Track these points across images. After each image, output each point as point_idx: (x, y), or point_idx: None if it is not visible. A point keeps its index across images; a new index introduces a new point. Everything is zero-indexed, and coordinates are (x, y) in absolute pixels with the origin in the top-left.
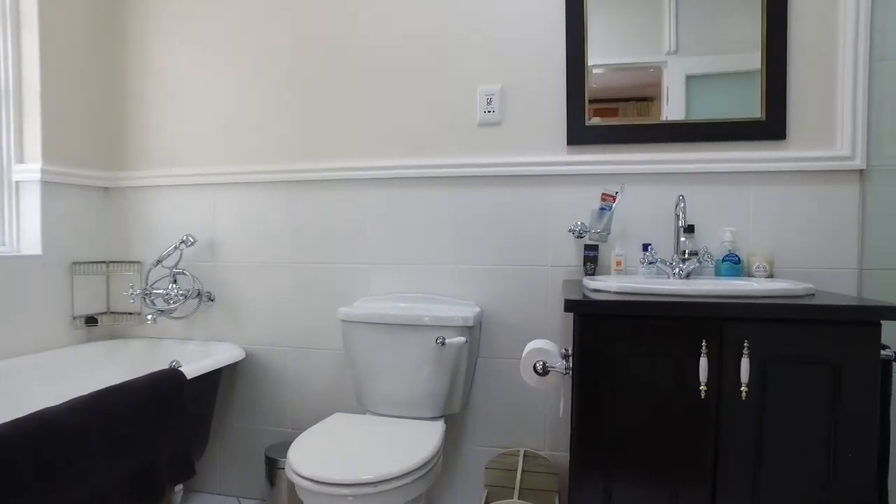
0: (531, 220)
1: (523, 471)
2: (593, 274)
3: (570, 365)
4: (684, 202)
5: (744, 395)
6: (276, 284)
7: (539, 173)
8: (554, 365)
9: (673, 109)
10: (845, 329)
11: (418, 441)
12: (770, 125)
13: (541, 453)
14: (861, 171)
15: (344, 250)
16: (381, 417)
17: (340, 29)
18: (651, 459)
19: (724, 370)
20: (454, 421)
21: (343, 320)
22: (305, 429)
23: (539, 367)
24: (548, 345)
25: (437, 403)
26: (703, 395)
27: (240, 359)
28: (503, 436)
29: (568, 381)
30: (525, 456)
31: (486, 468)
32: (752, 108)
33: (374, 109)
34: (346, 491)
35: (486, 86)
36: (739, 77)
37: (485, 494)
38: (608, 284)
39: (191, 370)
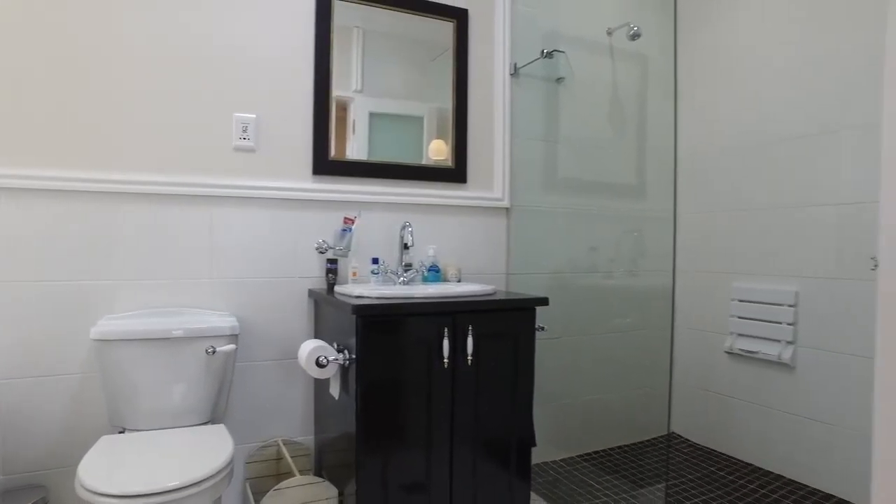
0: (283, 238)
1: (279, 458)
2: (334, 283)
3: (349, 356)
4: (411, 227)
5: (469, 362)
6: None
7: (289, 197)
8: (331, 357)
9: (359, 140)
10: (518, 313)
11: (213, 444)
12: (457, 173)
13: (296, 440)
14: (507, 208)
15: (92, 266)
16: (155, 431)
17: (102, 38)
18: (415, 420)
19: (457, 346)
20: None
21: (99, 340)
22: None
23: (322, 360)
24: (322, 343)
25: (205, 410)
26: (446, 365)
27: None
28: (261, 431)
29: (342, 369)
30: (283, 444)
31: (247, 463)
32: (444, 158)
33: (133, 122)
34: (156, 500)
35: (242, 114)
36: (414, 121)
37: (246, 486)
38: (366, 291)
39: None
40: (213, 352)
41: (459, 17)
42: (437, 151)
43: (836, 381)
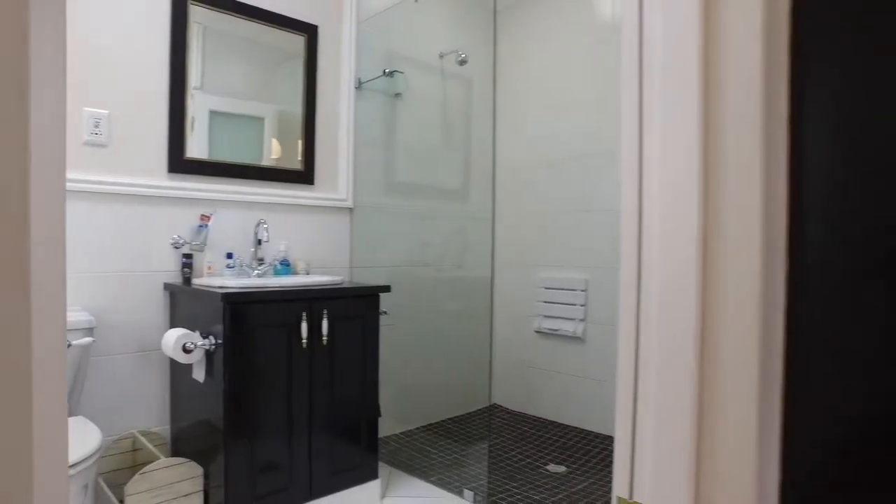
0: (139, 233)
1: (136, 450)
2: (190, 277)
3: (215, 341)
4: (266, 224)
5: (325, 342)
6: None
7: (144, 194)
8: (198, 343)
9: (199, 137)
10: (365, 299)
11: (79, 433)
12: (306, 175)
13: (152, 430)
14: (351, 208)
15: None
16: None
17: None
18: (277, 397)
19: (314, 329)
20: None
21: None
22: None
23: (189, 345)
24: (187, 331)
25: None
26: (304, 345)
27: None
28: (115, 425)
29: (208, 354)
30: (140, 435)
31: (100, 457)
32: (294, 161)
33: None
34: None
35: (93, 109)
36: (256, 121)
37: (100, 481)
38: (228, 282)
39: None
40: (69, 345)
41: (310, 33)
42: (276, 152)
43: (610, 347)
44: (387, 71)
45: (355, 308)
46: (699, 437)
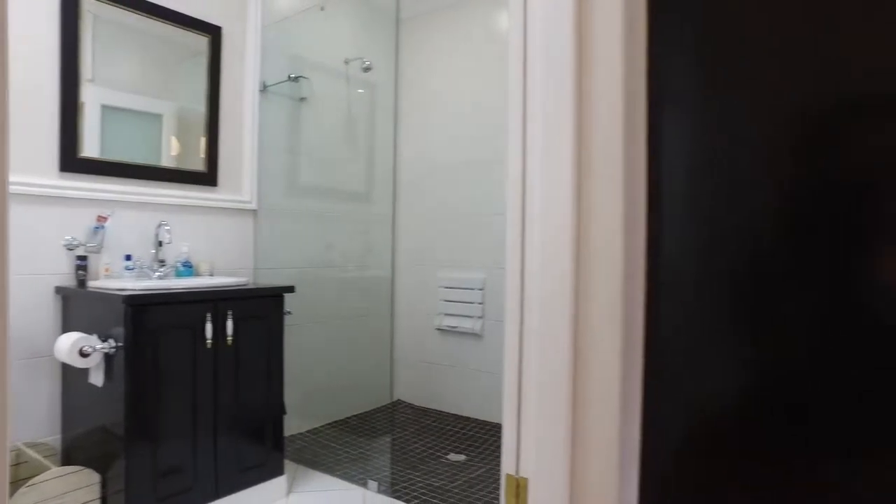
0: (27, 235)
1: (19, 463)
2: (85, 280)
3: (115, 344)
4: (167, 225)
5: (230, 342)
6: None
7: (33, 193)
8: (97, 346)
9: (90, 132)
10: (269, 299)
11: None
12: (209, 176)
13: (41, 441)
14: (255, 210)
15: None
16: None
17: None
18: (181, 398)
19: (218, 329)
20: None
21: None
22: None
23: (87, 349)
24: (83, 334)
25: None
26: (209, 346)
27: None
28: None
29: (107, 357)
30: (27, 447)
31: None
32: (197, 162)
33: None
34: None
35: None
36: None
37: None
38: (128, 284)
39: None
40: None
41: (214, 34)
42: (176, 151)
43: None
44: (292, 76)
45: (260, 308)
46: (574, 418)
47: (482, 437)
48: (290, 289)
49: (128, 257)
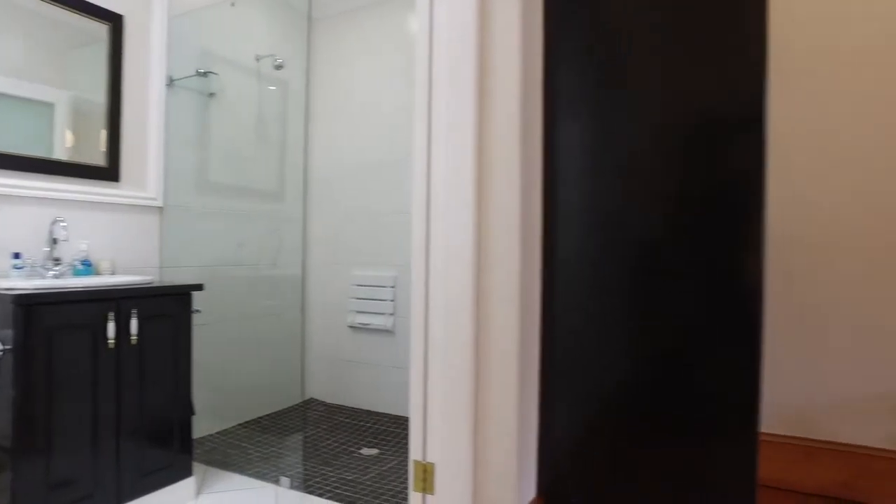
0: None
1: None
2: None
3: (3, 347)
4: (64, 222)
5: (134, 342)
6: None
7: None
8: None
9: None
10: (176, 297)
11: None
12: (111, 171)
13: None
14: (161, 207)
15: None
16: None
17: None
18: (81, 401)
19: (121, 329)
20: None
21: None
22: None
23: None
24: None
25: None
26: (111, 347)
27: None
28: None
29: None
30: None
31: None
32: (96, 156)
33: None
34: None
35: None
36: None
37: None
38: (18, 284)
39: None
40: None
41: (115, 22)
42: (71, 143)
43: None
44: (201, 70)
45: (167, 307)
46: (476, 406)
47: (395, 431)
48: (199, 287)
49: (16, 255)
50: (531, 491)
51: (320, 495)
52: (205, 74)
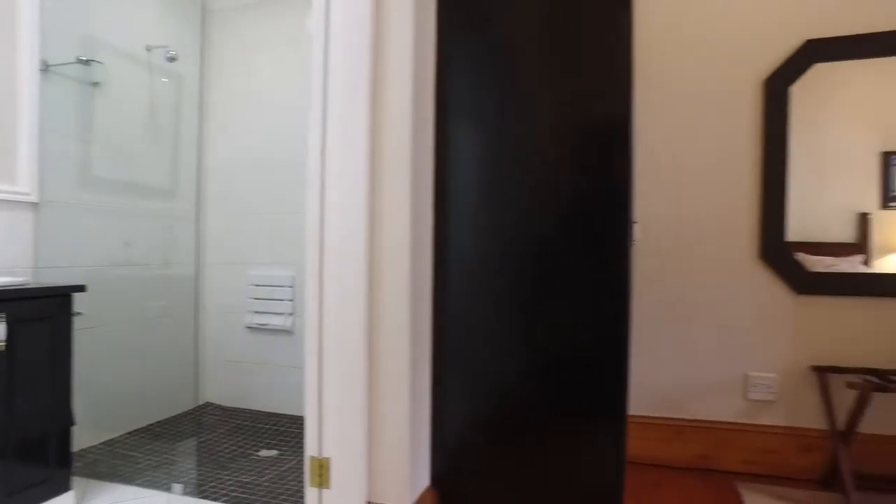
0: None
1: None
2: None
3: None
4: None
5: (2, 347)
6: None
7: None
8: None
9: None
10: (54, 300)
11: None
12: None
13: None
14: (36, 203)
15: None
16: None
17: None
18: None
19: None
20: None
21: None
22: None
23: None
24: None
25: None
26: None
27: None
28: None
29: None
30: None
31: None
32: None
33: None
34: None
35: None
36: None
37: None
38: None
39: None
40: None
41: None
42: None
43: None
44: (82, 58)
45: (43, 310)
46: (370, 400)
47: (294, 432)
48: (81, 288)
49: None
50: (425, 480)
51: (215, 500)
52: (87, 62)
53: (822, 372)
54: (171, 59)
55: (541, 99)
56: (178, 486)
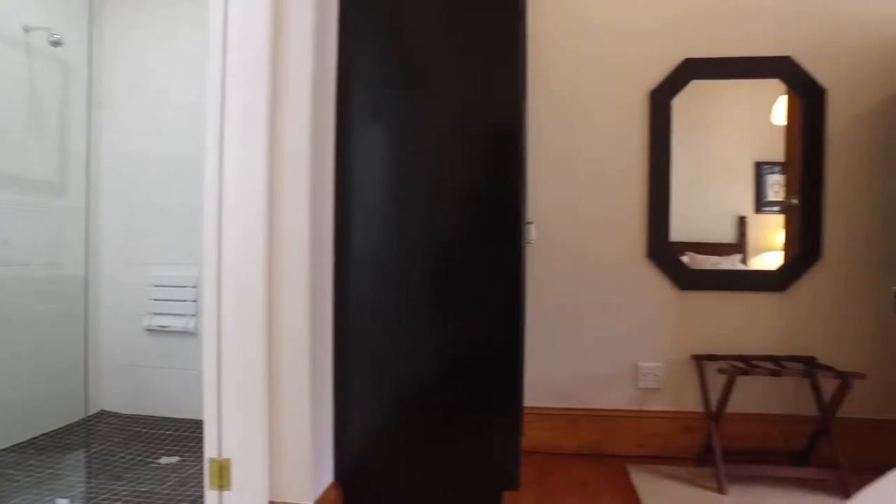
0: None
1: None
2: None
3: None
4: None
5: None
6: None
7: None
8: None
9: None
10: None
11: None
12: None
13: None
14: None
15: None
16: None
17: None
18: None
19: None
20: None
21: None
22: None
23: None
24: None
25: None
26: None
27: None
28: None
29: None
30: None
31: None
32: None
33: None
34: None
35: None
36: None
37: None
38: None
39: None
40: None
41: None
42: None
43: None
44: None
45: None
46: (270, 398)
47: (197, 437)
48: None
49: None
50: (329, 477)
51: None
52: None
53: (700, 360)
54: (56, 44)
55: (444, 102)
56: (63, 501)
